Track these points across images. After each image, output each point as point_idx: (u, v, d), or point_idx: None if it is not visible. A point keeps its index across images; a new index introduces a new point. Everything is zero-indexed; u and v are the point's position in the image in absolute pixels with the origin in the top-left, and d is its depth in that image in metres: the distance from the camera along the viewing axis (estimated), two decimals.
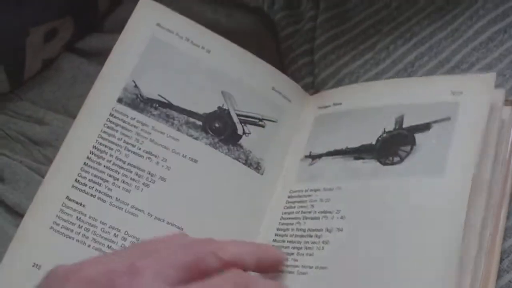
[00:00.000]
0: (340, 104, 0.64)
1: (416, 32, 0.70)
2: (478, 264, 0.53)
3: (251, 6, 0.78)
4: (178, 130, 0.60)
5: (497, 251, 0.55)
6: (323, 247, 0.57)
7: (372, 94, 0.63)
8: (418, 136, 0.58)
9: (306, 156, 0.63)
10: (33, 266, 0.55)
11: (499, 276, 0.54)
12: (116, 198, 0.57)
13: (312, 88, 0.72)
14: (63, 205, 0.56)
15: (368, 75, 0.69)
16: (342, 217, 0.57)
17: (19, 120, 0.64)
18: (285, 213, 0.60)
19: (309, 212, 0.59)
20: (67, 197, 0.57)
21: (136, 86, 0.61)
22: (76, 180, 0.57)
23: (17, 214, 0.60)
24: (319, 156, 0.62)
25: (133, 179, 0.58)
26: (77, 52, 0.68)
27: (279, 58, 0.76)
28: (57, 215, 0.56)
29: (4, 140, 0.63)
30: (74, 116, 0.63)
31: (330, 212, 0.58)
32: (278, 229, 0.60)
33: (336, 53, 0.72)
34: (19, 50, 0.63)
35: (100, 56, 0.65)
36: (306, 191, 0.61)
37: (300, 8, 0.77)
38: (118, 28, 0.62)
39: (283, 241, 0.59)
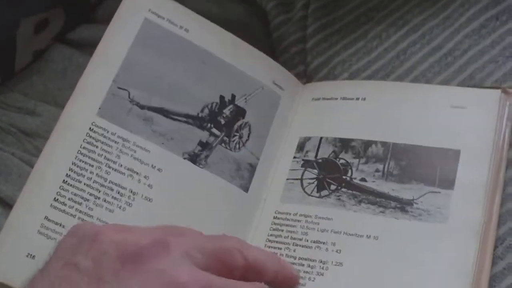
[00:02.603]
0: (336, 99, 0.64)
1: (408, 19, 0.69)
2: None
3: None
4: (161, 146, 0.58)
5: (491, 238, 0.55)
6: (314, 278, 0.56)
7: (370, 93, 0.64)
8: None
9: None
10: None
11: (493, 263, 0.54)
12: (98, 218, 0.55)
13: (305, 76, 0.71)
14: (42, 226, 0.54)
15: (360, 63, 0.69)
16: (337, 251, 0.56)
17: (10, 111, 0.64)
18: (271, 235, 0.59)
19: (300, 240, 0.58)
20: (46, 217, 0.54)
21: (124, 89, 0.59)
22: (55, 199, 0.55)
23: (9, 206, 0.59)
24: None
25: (115, 198, 0.56)
26: (68, 43, 0.68)
27: (271, 47, 0.76)
28: (34, 238, 0.53)
29: None
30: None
31: (324, 243, 0.57)
32: None
33: (329, 41, 0.72)
34: (10, 42, 0.63)
35: (91, 47, 0.64)
36: (295, 214, 0.59)
37: None
38: (109, 19, 0.61)
39: None
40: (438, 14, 0.68)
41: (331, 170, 0.61)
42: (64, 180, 0.55)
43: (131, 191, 0.56)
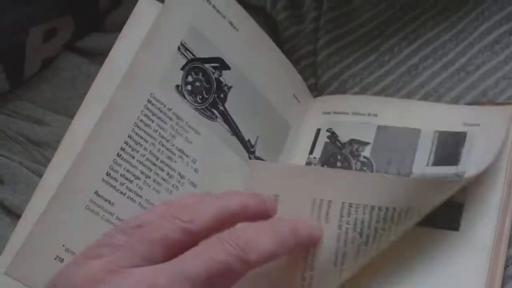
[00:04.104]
0: (347, 113, 0.64)
1: (421, 33, 0.69)
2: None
3: (253, 6, 0.77)
4: (211, 129, 0.57)
5: (502, 258, 0.54)
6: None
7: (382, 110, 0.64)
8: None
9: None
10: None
11: (504, 283, 0.54)
12: (146, 199, 0.53)
13: (316, 90, 0.71)
14: (90, 201, 0.51)
15: (371, 77, 0.68)
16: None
17: (18, 120, 0.63)
18: None
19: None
20: (96, 192, 0.51)
21: (186, 48, 0.56)
22: (107, 173, 0.51)
23: (17, 216, 0.59)
24: None
25: (164, 179, 0.54)
26: (77, 51, 0.67)
27: None
28: (81, 213, 0.50)
29: (3, 141, 0.63)
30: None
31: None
32: None
33: (340, 55, 0.71)
34: (19, 50, 0.63)
35: (100, 56, 0.64)
36: None
37: (303, 8, 0.76)
38: (119, 27, 0.61)
39: None
40: (451, 29, 0.68)
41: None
42: (118, 154, 0.52)
43: (180, 174, 0.54)
